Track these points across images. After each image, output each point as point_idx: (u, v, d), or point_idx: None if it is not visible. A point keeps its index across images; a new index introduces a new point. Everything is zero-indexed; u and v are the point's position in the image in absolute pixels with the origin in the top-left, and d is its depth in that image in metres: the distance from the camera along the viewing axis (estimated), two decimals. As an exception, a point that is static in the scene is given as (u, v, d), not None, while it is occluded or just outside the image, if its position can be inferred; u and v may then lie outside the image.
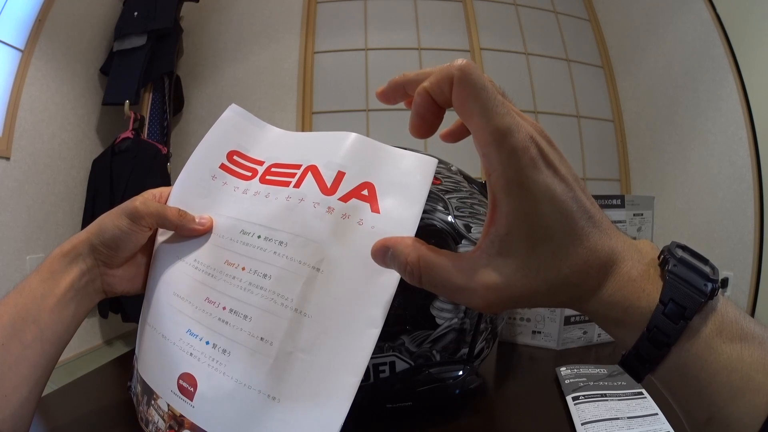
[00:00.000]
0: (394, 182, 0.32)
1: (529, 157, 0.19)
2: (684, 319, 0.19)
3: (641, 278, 0.20)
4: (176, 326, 0.32)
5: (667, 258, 0.21)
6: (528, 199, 0.20)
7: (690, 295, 0.19)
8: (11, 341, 0.30)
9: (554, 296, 0.21)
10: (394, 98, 0.24)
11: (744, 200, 1.73)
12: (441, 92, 0.21)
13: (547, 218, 0.20)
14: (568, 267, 0.20)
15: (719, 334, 0.19)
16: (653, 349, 0.19)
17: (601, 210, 0.21)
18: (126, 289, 0.37)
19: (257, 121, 0.40)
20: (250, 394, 0.27)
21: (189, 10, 2.27)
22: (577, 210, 0.20)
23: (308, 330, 0.28)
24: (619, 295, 0.20)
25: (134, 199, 0.35)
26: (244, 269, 0.31)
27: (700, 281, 0.20)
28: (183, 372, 0.30)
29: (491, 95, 0.19)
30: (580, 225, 0.20)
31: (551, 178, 0.20)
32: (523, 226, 0.20)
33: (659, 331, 0.19)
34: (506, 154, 0.19)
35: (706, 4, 1.89)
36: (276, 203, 0.33)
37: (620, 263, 0.21)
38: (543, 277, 0.20)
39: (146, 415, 0.32)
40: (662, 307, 0.19)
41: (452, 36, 2.26)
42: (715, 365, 0.19)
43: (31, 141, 1.79)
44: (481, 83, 0.19)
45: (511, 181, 0.20)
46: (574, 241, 0.20)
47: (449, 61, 0.20)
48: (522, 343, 0.65)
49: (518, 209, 0.20)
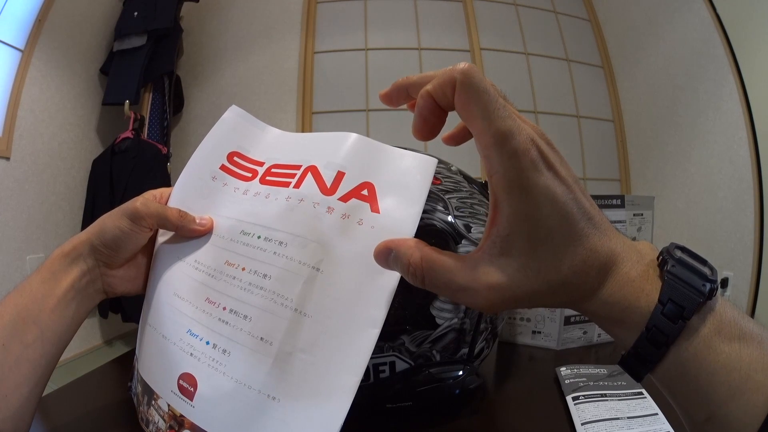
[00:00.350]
0: (394, 182, 0.32)
1: (529, 159, 0.20)
2: (683, 319, 0.19)
3: (640, 279, 0.20)
4: (176, 326, 0.32)
5: (666, 259, 0.21)
6: (529, 201, 0.20)
7: (688, 296, 0.19)
8: (12, 341, 0.30)
9: (555, 296, 0.21)
10: (397, 100, 0.25)
11: (744, 200, 1.73)
12: (444, 95, 0.21)
13: (547, 219, 0.20)
14: (569, 267, 0.20)
15: (718, 334, 0.19)
16: (652, 349, 0.20)
17: (601, 211, 0.22)
18: (126, 290, 0.37)
19: (257, 122, 0.40)
20: (250, 394, 0.27)
21: (189, 10, 2.27)
22: (577, 211, 0.20)
23: (308, 330, 0.28)
24: (618, 296, 0.20)
25: (135, 200, 0.35)
26: (244, 269, 0.31)
27: (699, 281, 0.20)
28: (183, 372, 0.30)
29: (493, 99, 0.20)
30: (580, 226, 0.20)
31: (552, 179, 0.20)
32: (524, 227, 0.20)
33: (658, 330, 0.19)
34: (507, 156, 0.20)
35: (706, 4, 1.89)
36: (276, 204, 0.33)
37: (619, 264, 0.21)
38: (544, 277, 0.20)
39: (146, 415, 0.32)
40: (661, 307, 0.19)
41: (452, 36, 2.26)
42: (713, 365, 0.19)
43: (31, 141, 1.79)
44: (483, 87, 0.20)
45: (512, 183, 0.20)
46: (574, 242, 0.20)
47: (450, 63, 0.21)
48: (522, 343, 0.65)
49: (519, 210, 0.20)
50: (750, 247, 1.69)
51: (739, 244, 1.73)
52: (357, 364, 0.27)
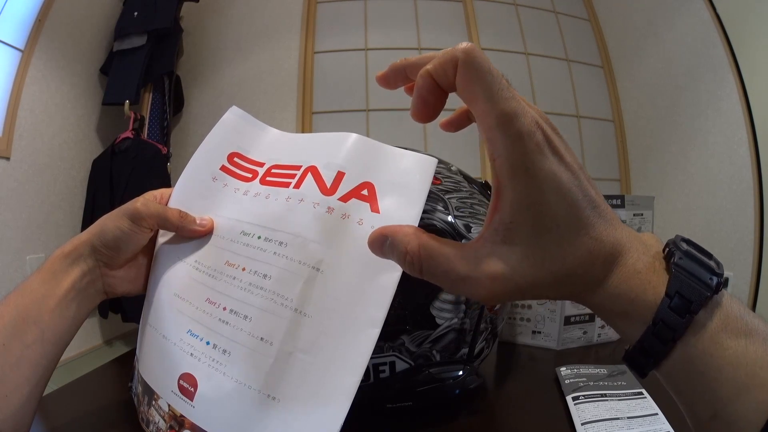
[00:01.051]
0: (394, 182, 0.32)
1: (535, 142, 0.19)
2: (690, 313, 0.18)
3: (647, 270, 0.20)
4: (177, 327, 0.32)
5: (673, 251, 0.20)
6: (533, 186, 0.19)
7: (696, 289, 0.19)
8: (12, 342, 0.30)
9: (559, 287, 0.20)
10: (394, 82, 0.24)
11: (744, 200, 1.73)
12: (445, 75, 0.20)
13: (552, 206, 0.19)
14: (574, 257, 0.20)
15: (724, 329, 0.19)
16: (658, 344, 0.19)
17: (605, 200, 0.21)
18: (127, 290, 0.37)
19: (257, 123, 0.40)
20: (250, 394, 0.27)
21: (189, 10, 2.27)
22: (582, 199, 0.20)
23: (308, 330, 0.28)
24: (624, 287, 0.20)
25: (135, 201, 0.35)
26: (244, 270, 0.31)
27: (706, 275, 0.19)
28: (183, 372, 0.30)
29: (497, 78, 0.19)
30: (586, 214, 0.20)
31: (557, 165, 0.19)
32: (528, 214, 0.19)
33: (665, 325, 0.19)
34: (512, 138, 0.19)
35: (706, 4, 1.89)
36: (276, 204, 0.33)
37: (625, 255, 0.20)
38: (548, 267, 0.20)
39: (147, 415, 0.32)
40: (668, 300, 0.19)
41: (452, 36, 2.26)
42: (720, 361, 0.18)
43: (31, 141, 1.79)
44: (486, 66, 0.19)
45: (517, 167, 0.19)
46: (579, 231, 0.19)
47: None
48: (522, 343, 0.65)
49: (523, 195, 0.19)
50: (750, 247, 1.69)
51: (739, 244, 1.73)
52: (357, 364, 0.27)
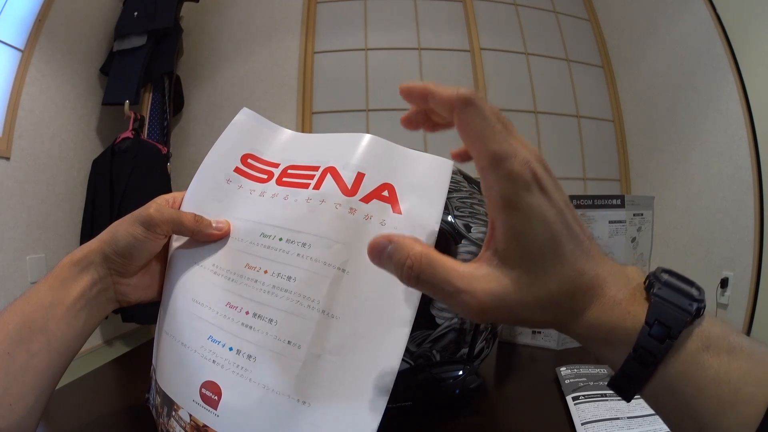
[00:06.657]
0: (414, 184, 0.31)
1: (523, 181, 0.21)
2: (670, 338, 0.19)
3: (627, 301, 0.21)
4: (197, 333, 0.31)
5: (653, 282, 0.21)
6: (520, 219, 0.21)
7: (675, 316, 0.20)
8: (17, 350, 0.30)
9: (543, 312, 0.22)
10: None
11: (744, 200, 1.72)
12: (443, 115, 0.24)
13: (538, 237, 0.21)
14: (557, 285, 0.21)
15: (706, 350, 0.20)
16: (640, 368, 0.20)
17: (592, 237, 0.23)
18: (140, 298, 0.36)
19: (270, 124, 0.40)
20: (279, 400, 0.27)
21: (189, 10, 2.27)
22: (566, 234, 0.22)
23: (337, 332, 0.28)
24: (604, 318, 0.21)
25: (148, 206, 0.34)
26: (266, 272, 0.31)
27: (686, 302, 0.20)
28: (206, 380, 0.29)
29: (490, 123, 0.22)
30: (569, 248, 0.21)
31: (544, 201, 0.21)
32: (517, 244, 0.22)
33: (645, 351, 0.20)
34: (502, 177, 0.21)
35: (706, 4, 1.88)
36: (296, 205, 0.33)
37: (606, 287, 0.21)
38: (535, 292, 0.21)
39: (167, 427, 0.31)
40: (648, 328, 0.20)
41: (452, 36, 2.26)
42: (701, 380, 0.19)
43: (31, 141, 1.79)
44: (481, 111, 0.22)
45: (506, 202, 0.21)
46: (562, 262, 0.21)
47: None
48: (522, 343, 0.65)
49: (512, 228, 0.22)
50: (750, 247, 1.69)
51: (739, 244, 1.73)
52: (389, 365, 0.27)
